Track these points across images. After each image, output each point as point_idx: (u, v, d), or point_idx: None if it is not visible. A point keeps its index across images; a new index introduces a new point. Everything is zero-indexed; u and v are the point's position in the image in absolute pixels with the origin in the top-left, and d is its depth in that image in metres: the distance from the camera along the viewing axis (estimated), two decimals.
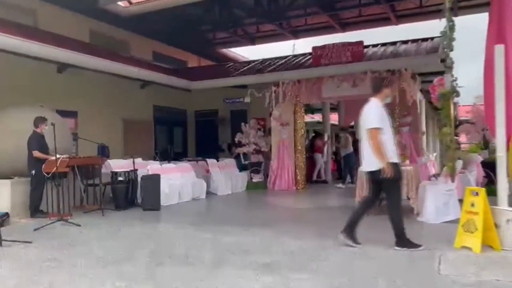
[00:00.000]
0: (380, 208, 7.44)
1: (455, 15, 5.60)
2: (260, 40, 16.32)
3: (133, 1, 12.21)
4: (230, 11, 13.42)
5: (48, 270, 4.14)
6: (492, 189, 5.16)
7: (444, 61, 10.19)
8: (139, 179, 8.32)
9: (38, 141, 7.03)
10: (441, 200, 5.91)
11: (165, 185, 8.44)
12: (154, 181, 8.11)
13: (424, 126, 12.21)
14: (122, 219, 7.05)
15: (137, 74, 11.27)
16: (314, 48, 11.25)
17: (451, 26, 5.37)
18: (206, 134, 15.48)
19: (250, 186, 11.66)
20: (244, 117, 13.59)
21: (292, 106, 11.56)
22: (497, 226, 4.47)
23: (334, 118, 16.44)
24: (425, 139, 12.27)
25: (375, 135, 4.52)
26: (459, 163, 6.11)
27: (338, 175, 13.60)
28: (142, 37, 14.07)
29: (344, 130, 12.95)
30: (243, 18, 13.93)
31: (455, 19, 5.57)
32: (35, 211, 7.04)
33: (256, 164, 12.15)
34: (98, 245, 5.22)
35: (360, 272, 3.97)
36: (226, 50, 17.84)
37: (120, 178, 8.12)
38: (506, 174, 4.71)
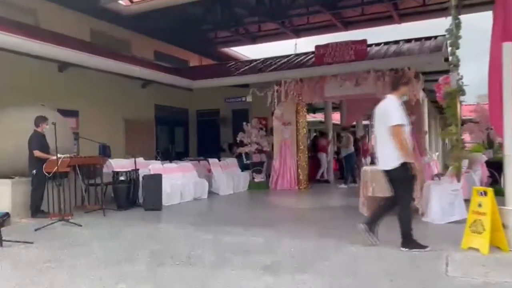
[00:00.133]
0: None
1: (459, 14, 5.56)
2: (261, 39, 16.23)
3: None
4: (232, 10, 13.34)
5: (48, 271, 4.11)
6: (496, 189, 5.07)
7: (447, 60, 10.17)
8: (141, 179, 8.27)
9: (39, 140, 6.97)
10: (446, 200, 5.84)
11: (166, 185, 8.39)
12: (155, 181, 8.06)
13: (426, 125, 12.13)
14: (123, 219, 7.01)
15: (138, 73, 11.21)
16: (317, 46, 11.16)
17: (457, 23, 5.29)
18: (208, 133, 15.41)
19: (252, 186, 11.59)
20: (245, 116, 13.50)
21: (294, 105, 11.50)
22: (505, 226, 4.40)
23: (335, 118, 16.36)
24: (427, 139, 12.18)
25: (400, 132, 4.40)
26: (465, 163, 6.03)
27: (340, 175, 13.54)
28: (143, 36, 14.00)
29: (345, 130, 12.89)
30: (245, 17, 13.84)
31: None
32: (36, 211, 6.99)
33: (258, 163, 12.08)
34: (99, 245, 5.18)
35: (364, 273, 3.91)
36: (227, 49, 17.75)
37: (121, 178, 8.07)
38: None
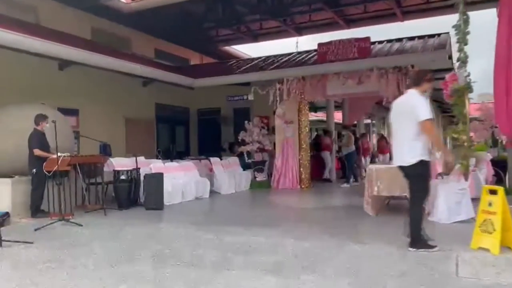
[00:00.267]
0: (388, 207, 7.36)
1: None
2: (263, 37, 16.13)
3: None
4: (233, 8, 13.24)
5: (48, 271, 4.04)
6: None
7: (451, 57, 10.09)
8: (142, 178, 8.19)
9: (39, 139, 6.88)
10: (453, 199, 5.74)
11: (168, 184, 8.30)
12: (157, 180, 7.98)
13: None
14: (124, 219, 6.93)
15: (140, 71, 11.12)
16: (320, 44, 11.04)
17: (465, 19, 5.19)
18: (209, 132, 15.31)
19: (254, 185, 11.51)
20: (247, 115, 13.42)
21: (296, 104, 11.40)
22: None
23: (337, 117, 16.27)
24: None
25: (431, 126, 4.31)
26: (472, 161, 5.94)
27: (342, 174, 13.44)
28: (144, 34, 13.92)
29: (346, 128, 12.79)
30: (246, 14, 13.74)
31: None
32: (36, 211, 6.90)
33: (259, 162, 11.99)
34: (100, 245, 5.10)
35: (370, 273, 3.81)
36: (228, 48, 17.64)
37: (122, 177, 7.99)
38: None
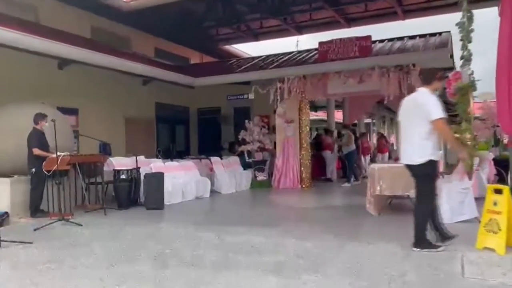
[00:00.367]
0: (390, 206, 7.31)
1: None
2: (263, 36, 16.06)
3: None
4: (233, 7, 13.18)
5: (48, 271, 4.00)
6: None
7: (453, 56, 10.04)
8: (142, 178, 8.14)
9: (38, 138, 6.83)
10: (456, 198, 5.68)
11: (168, 183, 8.24)
12: (157, 179, 7.93)
13: None
14: (124, 219, 6.89)
15: (140, 70, 11.06)
16: (321, 43, 10.98)
17: (469, 17, 5.14)
18: (209, 132, 15.25)
19: (255, 184, 11.45)
20: (247, 114, 13.37)
21: (297, 103, 11.34)
22: None
23: (337, 116, 16.22)
24: None
25: (445, 125, 4.26)
26: (476, 161, 5.89)
27: (343, 174, 13.40)
28: (143, 33, 13.85)
29: (346, 128, 12.75)
30: (246, 13, 13.68)
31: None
32: (36, 211, 6.85)
33: (260, 162, 11.93)
34: (100, 245, 5.06)
35: (373, 273, 3.75)
36: (229, 47, 17.57)
37: (122, 176, 7.93)
38: None
